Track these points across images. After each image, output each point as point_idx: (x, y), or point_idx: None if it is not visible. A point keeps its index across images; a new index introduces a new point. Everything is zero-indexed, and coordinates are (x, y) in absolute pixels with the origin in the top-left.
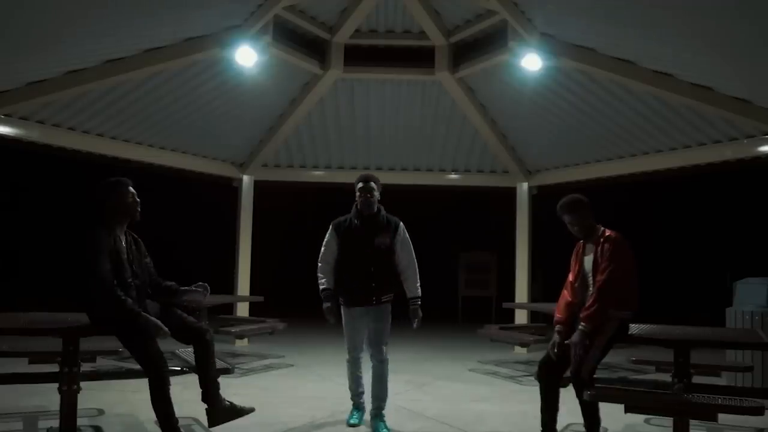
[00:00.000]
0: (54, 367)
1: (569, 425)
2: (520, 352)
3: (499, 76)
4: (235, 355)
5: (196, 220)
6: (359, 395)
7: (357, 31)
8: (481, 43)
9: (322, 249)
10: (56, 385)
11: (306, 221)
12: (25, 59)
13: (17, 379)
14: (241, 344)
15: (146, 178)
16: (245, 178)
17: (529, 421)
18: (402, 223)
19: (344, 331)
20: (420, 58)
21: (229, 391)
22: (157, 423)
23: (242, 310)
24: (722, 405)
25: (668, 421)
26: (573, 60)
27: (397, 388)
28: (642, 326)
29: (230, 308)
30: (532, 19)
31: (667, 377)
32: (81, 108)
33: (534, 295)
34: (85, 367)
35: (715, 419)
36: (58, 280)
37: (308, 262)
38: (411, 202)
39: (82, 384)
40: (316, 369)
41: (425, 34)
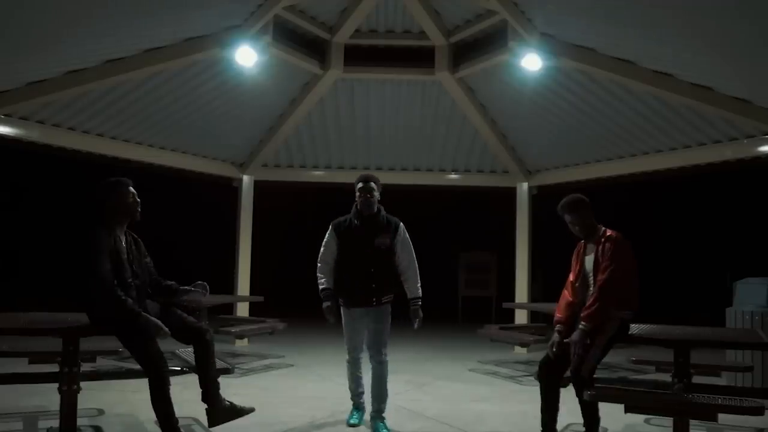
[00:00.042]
0: (54, 367)
1: (569, 425)
2: (520, 352)
3: (499, 76)
4: (235, 355)
5: (196, 220)
6: (359, 395)
7: (357, 31)
8: (481, 43)
9: (322, 249)
10: (56, 385)
11: (306, 221)
12: (25, 59)
13: (17, 379)
14: (241, 344)
15: (146, 178)
16: (245, 178)
17: (529, 421)
18: (402, 224)
19: (344, 331)
20: (420, 58)
21: (229, 391)
22: (157, 423)
23: (242, 310)
24: (722, 405)
25: (668, 421)
26: (573, 60)
27: (397, 388)
28: (642, 326)
29: (230, 308)
30: (532, 19)
31: (667, 377)
32: (81, 108)
33: (534, 295)
34: (85, 367)
35: (715, 419)
36: (58, 280)
37: (308, 262)
38: (411, 202)
39: (82, 384)
40: (316, 369)
41: (425, 34)
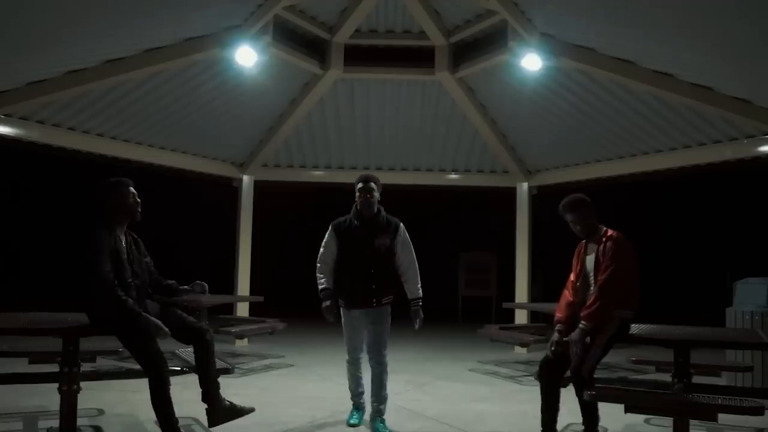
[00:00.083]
0: (54, 367)
1: (569, 425)
2: (520, 352)
3: (499, 76)
4: (235, 355)
5: (196, 220)
6: (359, 395)
7: (357, 31)
8: (481, 43)
9: (321, 249)
10: (56, 385)
11: (306, 221)
12: (25, 59)
13: (17, 379)
14: (241, 344)
15: (146, 178)
16: (245, 178)
17: (529, 421)
18: (402, 224)
19: (344, 332)
20: (420, 58)
21: (229, 391)
22: (157, 423)
23: (242, 310)
24: (722, 405)
25: (668, 421)
26: (573, 60)
27: (397, 388)
28: (642, 326)
29: (230, 308)
30: (532, 19)
31: (667, 377)
32: (81, 108)
33: (534, 295)
34: (85, 367)
35: (715, 419)
36: (58, 280)
37: (308, 262)
38: (411, 202)
39: (82, 384)
40: (316, 369)
41: (425, 34)
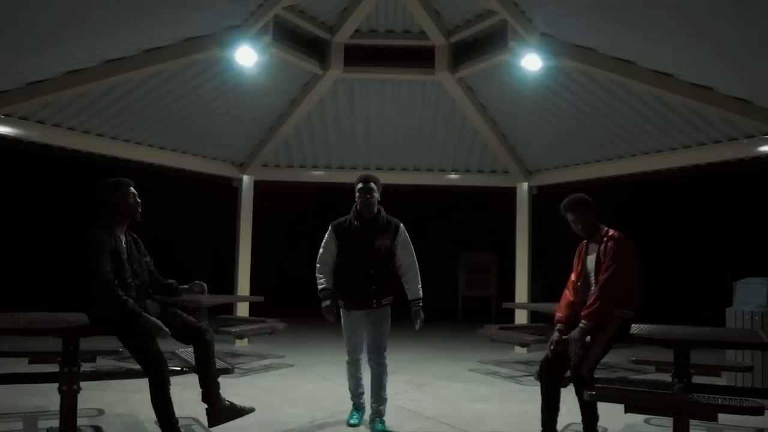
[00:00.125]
0: (54, 367)
1: (569, 425)
2: (520, 352)
3: (499, 76)
4: (235, 355)
5: (196, 220)
6: (359, 395)
7: (357, 31)
8: (481, 43)
9: (321, 250)
10: (56, 385)
11: (306, 221)
12: (25, 59)
13: (17, 379)
14: (241, 344)
15: (146, 178)
16: (245, 178)
17: (529, 421)
18: (402, 225)
19: (343, 333)
20: (420, 58)
21: (229, 391)
22: (157, 423)
23: (242, 310)
24: (722, 405)
25: (668, 421)
26: (573, 60)
27: (397, 388)
28: (642, 326)
29: (230, 308)
30: (532, 19)
31: (667, 377)
32: (81, 108)
33: (534, 295)
34: (85, 367)
35: (715, 419)
36: (59, 280)
37: (308, 262)
38: (411, 202)
39: (82, 384)
40: (316, 369)
41: (425, 34)
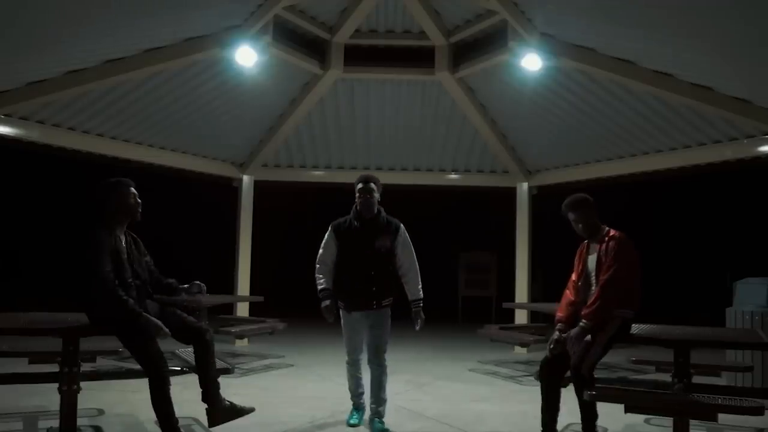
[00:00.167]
0: (54, 367)
1: (569, 425)
2: (520, 352)
3: (499, 76)
4: (235, 355)
5: (196, 220)
6: (359, 396)
7: (357, 31)
8: (481, 43)
9: (321, 250)
10: (56, 385)
11: (306, 221)
12: (25, 59)
13: (17, 379)
14: (241, 344)
15: (146, 178)
16: (245, 178)
17: (529, 421)
18: (402, 225)
19: (343, 333)
20: (420, 58)
21: (229, 391)
22: (157, 423)
23: (242, 310)
24: (722, 405)
25: (668, 421)
26: (573, 60)
27: (397, 388)
28: (642, 326)
29: (230, 308)
30: (532, 19)
31: (667, 377)
32: (81, 108)
33: (534, 295)
34: (85, 367)
35: (715, 419)
36: (58, 280)
37: (308, 262)
38: (411, 202)
39: (82, 384)
40: (316, 369)
41: (425, 34)
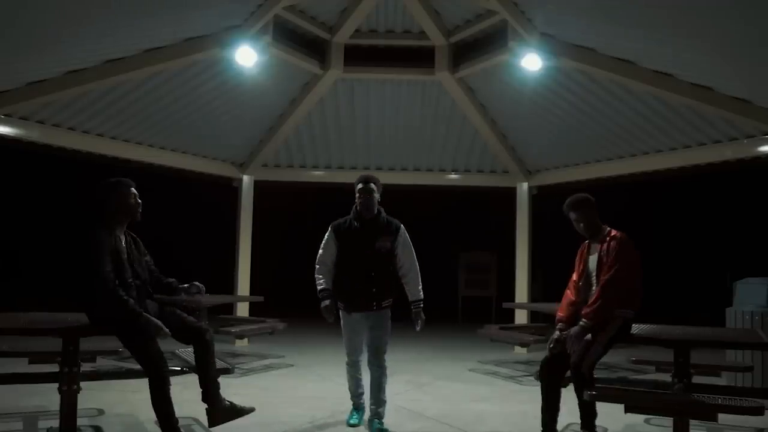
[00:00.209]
0: (54, 367)
1: (569, 425)
2: (520, 352)
3: (499, 76)
4: (235, 355)
5: (196, 220)
6: (359, 396)
7: (357, 31)
8: (481, 43)
9: (320, 251)
10: (56, 385)
11: (306, 221)
12: (25, 59)
13: (17, 379)
14: (241, 344)
15: (146, 178)
16: (245, 178)
17: (529, 421)
18: (402, 226)
19: (343, 334)
20: (420, 58)
21: (229, 391)
22: (157, 423)
23: (242, 310)
24: (722, 405)
25: (668, 421)
26: (573, 60)
27: (397, 388)
28: (642, 326)
29: (230, 308)
30: (532, 19)
31: (667, 377)
32: (81, 108)
33: (534, 295)
34: (85, 367)
35: (715, 419)
36: (58, 280)
37: (308, 263)
38: (411, 202)
39: (82, 384)
40: (316, 369)
41: (425, 34)
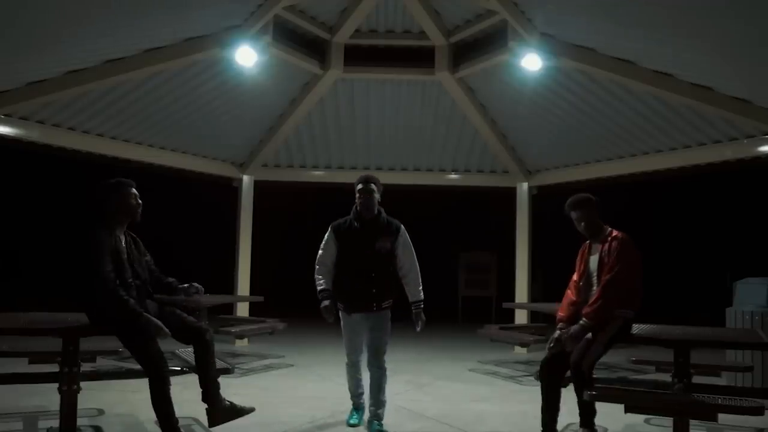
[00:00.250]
0: (54, 367)
1: (569, 425)
2: (520, 352)
3: (499, 76)
4: (235, 355)
5: (196, 220)
6: (359, 396)
7: (357, 31)
8: (481, 43)
9: (320, 251)
10: (56, 385)
11: (306, 221)
12: (25, 59)
13: (17, 379)
14: (241, 344)
15: (146, 178)
16: (245, 178)
17: (529, 421)
18: (403, 226)
19: (343, 335)
20: (420, 58)
21: (229, 391)
22: (157, 423)
23: (242, 310)
24: (722, 405)
25: (668, 421)
26: (573, 60)
27: (397, 388)
28: (642, 326)
29: (230, 308)
30: (532, 19)
31: (667, 377)
32: (81, 108)
33: (534, 295)
34: (85, 367)
35: (715, 419)
36: (58, 280)
37: (308, 263)
38: (411, 202)
39: (82, 384)
40: (316, 369)
41: (425, 34)
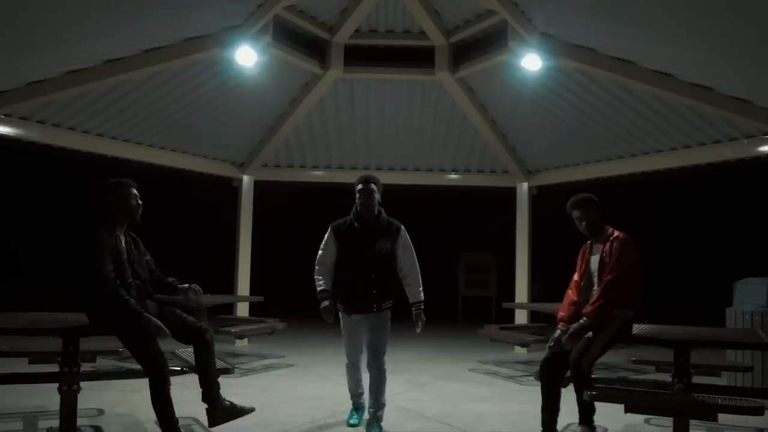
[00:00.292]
0: (54, 367)
1: (569, 425)
2: (520, 352)
3: (499, 76)
4: (235, 355)
5: (196, 220)
6: (359, 396)
7: (357, 31)
8: (481, 43)
9: (320, 251)
10: (56, 385)
11: (306, 221)
12: (25, 59)
13: (17, 379)
14: (241, 344)
15: (146, 178)
16: (245, 178)
17: (529, 421)
18: (403, 227)
19: (343, 335)
20: (420, 58)
21: (229, 391)
22: (157, 423)
23: (242, 310)
24: (722, 405)
25: (668, 421)
26: (573, 60)
27: (397, 388)
28: (642, 326)
29: (230, 308)
30: (532, 19)
31: (667, 377)
32: (81, 108)
33: (534, 295)
34: (85, 367)
35: (715, 419)
36: (58, 280)
37: (308, 263)
38: (411, 202)
39: (82, 384)
40: (316, 369)
41: (425, 34)
